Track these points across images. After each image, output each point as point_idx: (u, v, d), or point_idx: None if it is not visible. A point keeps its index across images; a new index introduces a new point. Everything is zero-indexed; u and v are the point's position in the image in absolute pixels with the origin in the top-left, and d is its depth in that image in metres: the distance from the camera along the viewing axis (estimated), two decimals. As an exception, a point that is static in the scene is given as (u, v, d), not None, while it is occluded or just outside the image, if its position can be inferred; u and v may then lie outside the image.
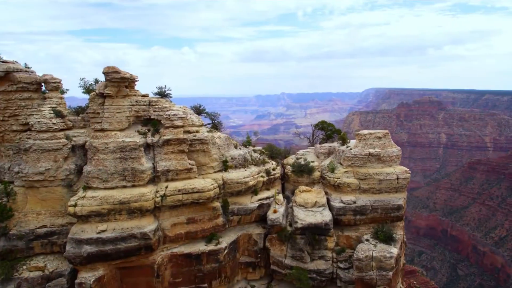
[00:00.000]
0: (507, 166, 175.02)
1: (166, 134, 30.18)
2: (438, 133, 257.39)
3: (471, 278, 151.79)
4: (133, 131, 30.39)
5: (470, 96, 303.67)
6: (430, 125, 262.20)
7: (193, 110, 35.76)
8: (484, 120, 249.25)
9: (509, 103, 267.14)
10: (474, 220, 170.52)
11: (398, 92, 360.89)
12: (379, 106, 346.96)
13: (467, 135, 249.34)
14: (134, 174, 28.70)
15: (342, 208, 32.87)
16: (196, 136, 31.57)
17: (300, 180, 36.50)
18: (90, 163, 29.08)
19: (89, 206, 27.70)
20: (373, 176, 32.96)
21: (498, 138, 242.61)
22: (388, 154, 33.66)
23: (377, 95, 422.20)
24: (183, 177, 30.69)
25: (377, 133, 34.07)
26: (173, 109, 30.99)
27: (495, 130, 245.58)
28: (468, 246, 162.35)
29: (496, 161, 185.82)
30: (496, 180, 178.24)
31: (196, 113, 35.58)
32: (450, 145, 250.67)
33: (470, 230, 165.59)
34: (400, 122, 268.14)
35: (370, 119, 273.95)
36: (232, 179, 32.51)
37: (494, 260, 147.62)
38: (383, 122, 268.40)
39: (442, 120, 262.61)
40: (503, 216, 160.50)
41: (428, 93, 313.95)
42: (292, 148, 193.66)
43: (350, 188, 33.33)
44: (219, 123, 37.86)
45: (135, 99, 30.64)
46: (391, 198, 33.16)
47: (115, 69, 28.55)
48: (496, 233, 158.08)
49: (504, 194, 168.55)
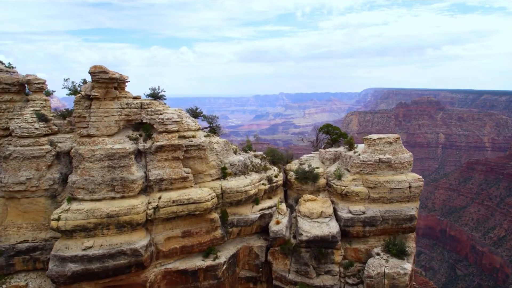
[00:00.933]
0: (505, 166, 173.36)
1: (159, 140, 27.35)
2: (437, 133, 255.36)
3: (470, 278, 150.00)
4: (123, 136, 27.54)
5: (469, 96, 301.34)
6: (429, 125, 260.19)
7: (189, 113, 32.93)
8: (483, 120, 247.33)
9: (507, 103, 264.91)
10: (473, 220, 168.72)
11: (397, 92, 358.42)
12: (377, 106, 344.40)
13: (465, 135, 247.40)
14: (124, 185, 25.86)
15: (351, 219, 30.15)
16: (192, 141, 28.76)
17: (304, 188, 33.73)
18: (75, 172, 26.22)
19: (73, 220, 24.85)
20: (384, 184, 30.24)
21: (497, 138, 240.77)
22: (400, 161, 30.95)
23: (376, 95, 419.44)
24: (178, 187, 27.87)
25: (388, 137, 31.33)
26: (167, 112, 28.16)
27: (494, 130, 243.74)
28: (467, 246, 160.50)
29: (495, 161, 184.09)
30: (494, 180, 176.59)
31: (192, 116, 32.75)
32: (449, 145, 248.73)
33: (468, 230, 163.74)
34: (399, 122, 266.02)
35: (368, 119, 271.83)
36: (232, 188, 29.72)
37: (493, 260, 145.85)
38: (382, 122, 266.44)
39: (441, 120, 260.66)
40: (501, 216, 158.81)
41: (426, 93, 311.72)
42: (290, 148, 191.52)
43: (359, 197, 30.60)
44: (218, 126, 35.02)
45: (126, 102, 27.79)
46: (403, 208, 30.47)
47: (103, 69, 25.69)
48: (494, 233, 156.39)
49: (502, 194, 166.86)
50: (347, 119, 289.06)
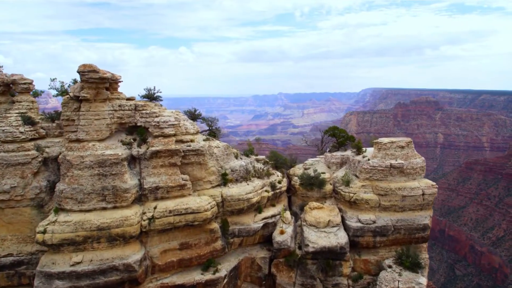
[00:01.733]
0: (504, 166, 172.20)
1: (154, 145, 25.08)
2: (435, 133, 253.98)
3: (469, 278, 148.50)
4: (115, 141, 25.26)
5: (467, 96, 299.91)
6: (427, 125, 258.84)
7: (187, 115, 30.66)
8: (481, 120, 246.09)
9: (506, 103, 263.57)
10: (472, 220, 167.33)
11: (395, 92, 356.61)
12: (376, 106, 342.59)
13: (464, 135, 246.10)
14: (116, 194, 23.57)
15: (360, 229, 27.97)
16: (190, 146, 26.50)
17: (309, 194, 31.53)
18: (63, 180, 23.92)
19: (61, 233, 22.56)
20: (396, 191, 28.07)
21: (495, 138, 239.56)
22: (412, 166, 28.80)
23: (374, 95, 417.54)
24: (175, 195, 25.62)
25: (399, 141, 29.17)
26: (163, 115, 25.89)
27: (492, 130, 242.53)
28: (466, 246, 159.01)
29: (493, 161, 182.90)
30: (493, 180, 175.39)
31: (190, 118, 30.50)
32: (447, 145, 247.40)
33: (467, 230, 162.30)
34: (397, 122, 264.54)
35: (367, 119, 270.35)
36: (233, 196, 27.49)
37: (492, 260, 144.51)
38: (381, 122, 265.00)
39: (439, 120, 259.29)
40: (500, 216, 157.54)
41: (425, 93, 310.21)
42: (289, 148, 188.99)
43: (369, 205, 28.42)
44: (217, 129, 32.79)
45: (118, 103, 25.50)
46: (416, 217, 28.32)
47: (93, 68, 23.40)
48: (493, 233, 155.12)
49: (501, 194, 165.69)
50: (345, 119, 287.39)
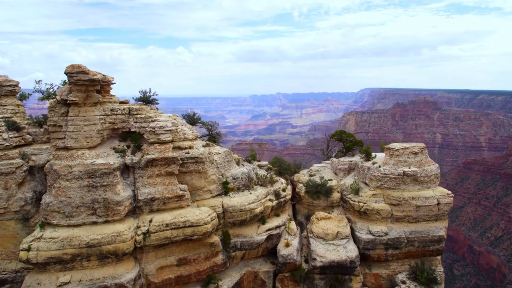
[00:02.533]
0: (502, 166, 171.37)
1: (150, 152, 22.93)
2: (434, 133, 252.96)
3: (467, 278, 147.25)
4: (107, 148, 23.08)
5: (465, 96, 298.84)
6: (426, 125, 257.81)
7: (185, 119, 28.53)
8: (479, 120, 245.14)
9: (503, 103, 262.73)
10: (470, 220, 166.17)
11: (393, 92, 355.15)
12: (374, 106, 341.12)
13: (462, 135, 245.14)
14: (107, 207, 21.40)
15: (371, 241, 25.97)
16: (189, 153, 24.38)
17: (315, 203, 29.49)
18: (49, 192, 21.71)
19: (47, 250, 20.37)
20: (409, 201, 26.08)
21: (493, 138, 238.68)
22: (427, 174, 26.82)
23: (373, 95, 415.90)
24: (172, 207, 23.48)
25: (413, 147, 27.17)
26: (159, 120, 23.74)
27: (490, 130, 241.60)
28: (464, 246, 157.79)
29: (492, 161, 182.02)
30: (491, 180, 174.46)
31: (189, 123, 28.37)
32: (445, 145, 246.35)
33: (466, 230, 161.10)
34: (396, 122, 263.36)
35: (366, 119, 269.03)
36: (235, 206, 25.40)
37: (490, 260, 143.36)
38: (379, 122, 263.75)
39: (437, 120, 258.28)
40: (498, 216, 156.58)
41: (423, 93, 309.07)
42: (287, 148, 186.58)
43: (380, 216, 26.42)
44: (218, 134, 30.67)
45: (110, 107, 23.32)
46: (431, 228, 26.36)
47: (81, 69, 21.21)
48: (491, 233, 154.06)
49: (499, 194, 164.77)
50: (344, 119, 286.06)
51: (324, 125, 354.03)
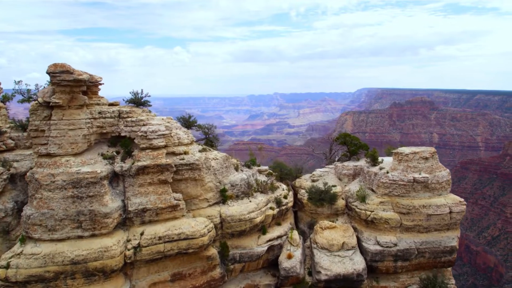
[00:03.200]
0: (499, 166, 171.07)
1: (141, 159, 21.00)
2: (431, 133, 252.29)
3: (464, 277, 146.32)
4: (95, 155, 21.12)
5: (462, 96, 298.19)
6: (423, 125, 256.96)
7: (180, 122, 26.61)
8: (476, 120, 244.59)
9: (500, 103, 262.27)
10: (467, 219, 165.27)
11: (391, 92, 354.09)
12: (371, 106, 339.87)
13: (459, 135, 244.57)
14: (94, 220, 19.45)
15: (379, 253, 24.19)
16: (184, 159, 22.47)
17: (319, 211, 27.66)
18: (31, 203, 19.74)
19: (27, 268, 18.42)
20: (420, 209, 24.32)
21: (490, 138, 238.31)
22: (438, 180, 25.06)
23: (370, 95, 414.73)
24: (165, 218, 21.57)
25: (423, 152, 25.40)
26: (151, 123, 21.81)
27: (487, 129, 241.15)
28: (461, 245, 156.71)
29: (488, 161, 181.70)
30: (488, 180, 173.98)
31: (184, 126, 26.45)
32: (442, 144, 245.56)
33: (463, 230, 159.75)
34: (393, 122, 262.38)
35: (363, 119, 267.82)
36: (233, 216, 23.52)
37: (487, 260, 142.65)
38: (376, 122, 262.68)
39: (434, 120, 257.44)
40: (495, 215, 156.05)
41: (420, 93, 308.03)
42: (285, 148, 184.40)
43: (389, 225, 24.63)
44: (215, 137, 28.74)
45: (98, 110, 21.36)
46: (442, 238, 24.61)
47: (65, 68, 19.23)
48: (488, 233, 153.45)
49: (496, 193, 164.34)
50: (341, 119, 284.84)
51: (321, 125, 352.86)
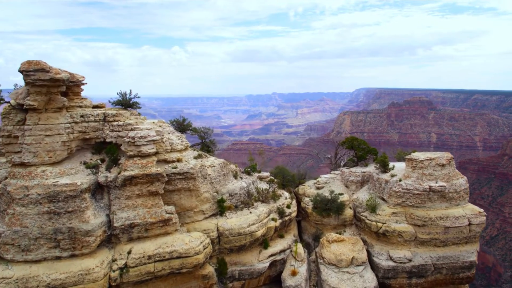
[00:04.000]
0: (497, 166, 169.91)
1: (128, 168, 18.59)
2: (429, 132, 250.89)
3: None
4: (76, 163, 18.70)
5: (460, 96, 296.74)
6: (421, 125, 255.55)
7: (173, 125, 24.21)
8: (474, 120, 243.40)
9: (498, 102, 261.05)
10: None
11: (389, 92, 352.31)
12: (369, 106, 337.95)
13: (457, 135, 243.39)
14: (74, 238, 17.03)
15: (392, 269, 21.89)
16: (177, 167, 20.08)
17: (325, 222, 25.35)
18: (2, 219, 17.27)
19: (-5, 294, 16.02)
20: (436, 221, 22.03)
21: (488, 138, 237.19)
22: (455, 189, 22.79)
23: (368, 95, 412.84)
24: (156, 234, 19.17)
25: (439, 158, 23.09)
26: (140, 128, 19.40)
27: (485, 129, 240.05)
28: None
29: (487, 161, 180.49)
30: (486, 180, 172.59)
31: (178, 130, 24.04)
32: (441, 144, 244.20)
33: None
34: (391, 122, 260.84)
35: (361, 119, 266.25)
36: (232, 229, 21.15)
37: (486, 260, 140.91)
38: (374, 122, 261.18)
39: (433, 120, 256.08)
40: (494, 215, 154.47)
41: (418, 93, 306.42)
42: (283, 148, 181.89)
43: (402, 239, 22.33)
44: (212, 142, 26.34)
45: (80, 113, 18.94)
46: (461, 253, 22.33)
47: (41, 65, 16.78)
48: (487, 233, 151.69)
49: (494, 193, 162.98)
50: (339, 119, 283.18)
51: (319, 125, 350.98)
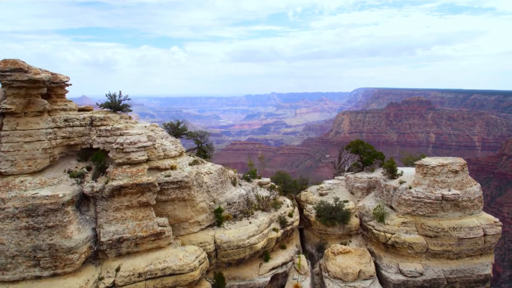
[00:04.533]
0: (496, 165, 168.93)
1: (117, 177, 16.89)
2: (427, 132, 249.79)
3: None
4: (59, 172, 16.99)
5: (458, 96, 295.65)
6: (419, 125, 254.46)
7: (167, 129, 22.51)
8: (473, 120, 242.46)
9: (496, 102, 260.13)
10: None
11: (387, 92, 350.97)
12: (368, 106, 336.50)
13: (455, 135, 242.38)
14: (55, 256, 15.33)
15: (403, 283, 20.27)
16: (170, 176, 18.39)
17: (329, 231, 23.74)
18: (-25, 234, 15.58)
19: (-33, 319, 14.33)
20: (449, 232, 20.44)
21: (486, 138, 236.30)
22: (469, 197, 21.19)
23: (367, 95, 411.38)
24: (147, 248, 17.49)
25: (452, 164, 21.49)
26: (130, 133, 17.70)
27: (483, 129, 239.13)
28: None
29: (485, 161, 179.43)
30: (485, 179, 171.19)
31: (173, 134, 22.37)
32: (439, 144, 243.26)
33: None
34: (390, 121, 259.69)
35: (360, 119, 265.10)
36: (230, 242, 19.49)
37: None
38: (373, 121, 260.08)
39: (431, 120, 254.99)
40: (492, 215, 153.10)
41: (416, 93, 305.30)
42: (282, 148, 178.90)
43: (413, 251, 20.73)
44: (209, 146, 24.64)
45: (64, 117, 17.23)
46: (475, 266, 20.75)
47: (18, 65, 15.07)
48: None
49: (493, 193, 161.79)
50: (338, 119, 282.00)
51: (318, 125, 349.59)
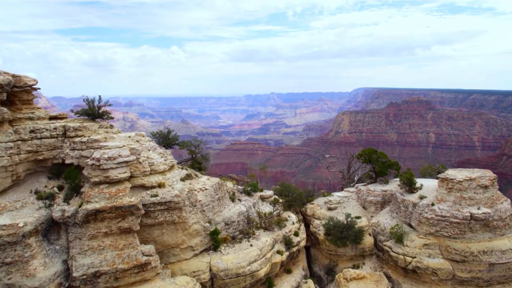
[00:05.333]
0: (495, 165, 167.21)
1: (92, 199, 14.05)
2: (427, 132, 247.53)
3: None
4: (25, 193, 14.15)
5: (458, 96, 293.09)
6: (419, 125, 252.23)
7: (156, 139, 19.64)
8: (472, 120, 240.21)
9: (496, 102, 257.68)
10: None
11: (387, 92, 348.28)
12: (368, 105, 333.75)
13: (455, 135, 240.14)
14: (13, 299, 12.53)
15: (426, 316, 17.52)
16: (157, 196, 15.54)
17: (340, 252, 20.90)
18: None
19: None
20: (479, 256, 17.65)
21: (486, 137, 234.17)
22: (500, 216, 18.39)
23: (366, 94, 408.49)
24: (130, 282, 14.66)
25: (480, 178, 18.70)
26: (109, 146, 14.85)
27: (483, 129, 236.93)
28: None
29: (485, 160, 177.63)
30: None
31: (163, 145, 19.50)
32: (439, 144, 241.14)
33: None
34: (389, 121, 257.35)
35: (360, 118, 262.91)
36: (228, 270, 16.68)
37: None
38: (373, 121, 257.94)
39: (431, 120, 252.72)
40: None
41: (416, 93, 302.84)
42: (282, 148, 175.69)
43: (437, 277, 17.93)
44: (204, 157, 21.76)
45: (30, 127, 14.38)
46: (509, 294, 18.00)
47: (-32, 66, 12.25)
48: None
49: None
50: (338, 118, 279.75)
51: (318, 125, 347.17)
